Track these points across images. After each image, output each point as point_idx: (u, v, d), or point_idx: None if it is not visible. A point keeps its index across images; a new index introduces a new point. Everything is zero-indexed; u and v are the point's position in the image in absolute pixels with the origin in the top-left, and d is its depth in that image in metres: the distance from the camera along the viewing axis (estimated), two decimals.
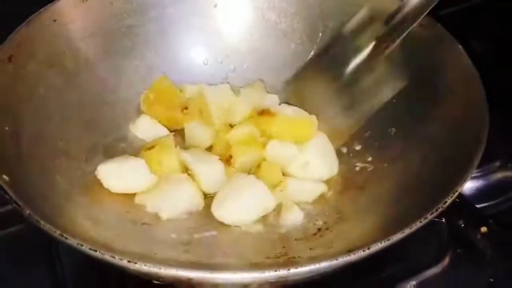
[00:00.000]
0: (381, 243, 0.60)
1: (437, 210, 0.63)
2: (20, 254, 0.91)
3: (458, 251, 0.89)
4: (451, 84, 0.86)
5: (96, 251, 0.58)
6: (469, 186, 1.05)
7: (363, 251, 0.59)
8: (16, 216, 0.90)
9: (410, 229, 0.61)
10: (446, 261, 0.87)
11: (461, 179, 0.67)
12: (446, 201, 0.64)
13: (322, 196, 0.91)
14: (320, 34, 1.04)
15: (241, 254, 0.79)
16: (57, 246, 0.88)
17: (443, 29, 0.90)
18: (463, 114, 0.80)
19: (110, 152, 0.92)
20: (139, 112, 0.99)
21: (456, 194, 0.65)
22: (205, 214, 0.85)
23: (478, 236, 0.90)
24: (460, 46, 0.85)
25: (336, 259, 0.59)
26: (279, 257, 0.79)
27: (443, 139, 0.81)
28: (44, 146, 0.84)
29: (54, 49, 0.92)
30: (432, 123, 0.86)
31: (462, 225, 0.91)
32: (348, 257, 0.59)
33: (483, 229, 0.90)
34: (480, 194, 1.05)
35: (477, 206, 1.00)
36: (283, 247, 0.81)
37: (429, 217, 0.63)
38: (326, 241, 0.81)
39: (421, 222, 0.62)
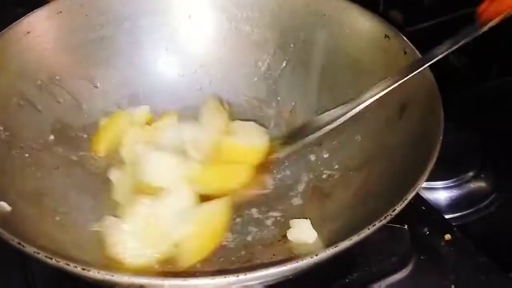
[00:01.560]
0: (327, 251, 0.61)
1: (385, 217, 0.65)
2: None
3: (421, 257, 0.90)
4: (413, 96, 0.87)
5: (51, 258, 0.60)
6: (443, 196, 1.08)
7: (310, 257, 0.61)
8: None
9: (358, 236, 0.62)
10: (410, 267, 0.89)
11: (411, 189, 0.68)
12: (395, 209, 0.65)
13: (289, 204, 0.92)
14: (292, 45, 1.06)
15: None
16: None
17: (407, 42, 0.92)
18: (421, 126, 0.82)
19: (86, 165, 0.94)
20: None
21: (405, 202, 0.67)
22: None
23: (442, 243, 0.92)
24: (423, 60, 0.86)
25: (284, 265, 0.60)
26: (243, 262, 0.80)
27: (402, 149, 0.83)
28: (13, 156, 0.86)
29: (26, 61, 0.93)
30: (393, 133, 0.87)
31: (427, 233, 0.93)
32: (295, 263, 0.60)
33: (447, 236, 0.93)
34: (453, 204, 1.08)
35: (450, 215, 1.03)
36: (250, 253, 0.82)
37: (378, 224, 0.64)
38: (288, 248, 0.82)
39: (369, 229, 0.63)
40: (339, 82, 1.00)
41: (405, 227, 0.88)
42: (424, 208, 0.97)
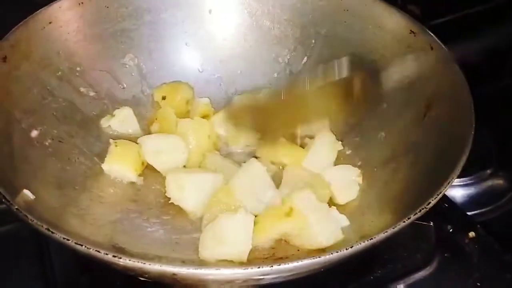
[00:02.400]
0: (362, 242, 0.60)
1: (420, 211, 0.64)
2: (10, 254, 0.91)
3: (446, 255, 0.89)
4: (440, 92, 0.87)
5: (82, 245, 0.59)
6: (461, 193, 1.07)
7: (345, 249, 0.59)
8: (7, 216, 0.92)
9: (393, 228, 0.61)
10: (434, 264, 0.88)
11: (445, 183, 0.67)
12: (430, 202, 0.65)
13: None
14: (313, 41, 1.06)
15: None
16: (48, 247, 0.89)
17: (433, 37, 0.91)
18: (450, 121, 0.81)
19: (104, 154, 0.92)
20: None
21: (440, 196, 0.66)
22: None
23: (466, 241, 0.91)
24: (450, 55, 0.86)
25: (313, 258, 0.59)
26: (266, 258, 0.79)
27: (429, 145, 0.82)
28: (36, 146, 0.85)
29: (48, 51, 0.93)
30: (420, 129, 0.87)
31: (451, 230, 0.92)
32: (330, 256, 0.59)
33: (471, 234, 0.92)
34: (471, 201, 1.06)
35: (468, 213, 1.01)
36: (272, 248, 0.81)
37: (412, 217, 0.63)
38: None
39: (404, 222, 0.62)
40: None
41: (431, 224, 0.87)
42: (447, 205, 0.95)
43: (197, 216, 0.86)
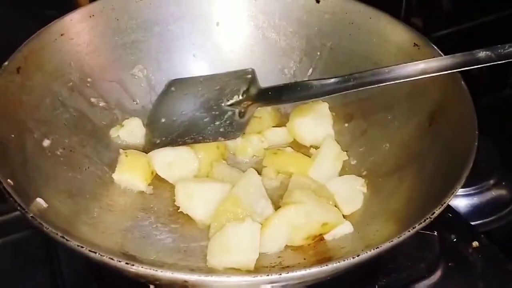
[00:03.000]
0: (367, 252, 0.62)
1: (425, 220, 0.65)
2: (21, 261, 0.93)
3: (450, 264, 0.91)
4: (443, 103, 0.88)
5: (95, 252, 0.60)
6: (464, 203, 1.08)
7: (352, 258, 0.61)
8: (17, 224, 0.94)
9: (398, 238, 0.63)
10: (438, 274, 0.89)
11: (449, 193, 0.69)
12: (434, 212, 0.66)
13: None
14: (318, 53, 1.08)
15: None
16: (58, 254, 0.91)
17: (436, 50, 0.93)
18: (454, 132, 0.83)
19: (114, 163, 0.94)
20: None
21: (444, 206, 0.67)
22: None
23: (470, 250, 0.92)
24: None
25: (321, 267, 0.60)
26: (273, 266, 0.81)
27: (433, 156, 0.84)
28: (48, 155, 0.87)
29: (60, 62, 0.95)
30: (424, 140, 0.88)
31: (454, 240, 0.93)
32: (336, 264, 0.61)
33: (475, 243, 0.93)
34: (475, 211, 1.08)
35: (472, 223, 1.02)
36: (279, 257, 0.82)
37: (417, 227, 0.65)
38: (320, 251, 0.82)
39: (409, 231, 0.64)
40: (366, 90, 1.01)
41: (435, 233, 0.88)
42: (450, 215, 0.97)
43: (205, 224, 0.87)
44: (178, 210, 0.89)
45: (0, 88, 0.83)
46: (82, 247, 0.61)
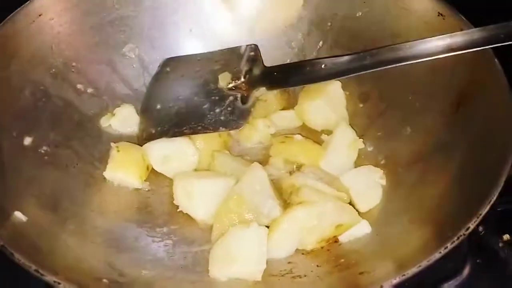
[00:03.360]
0: (395, 278, 0.53)
1: (459, 237, 0.57)
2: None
3: (478, 261, 0.82)
4: (473, 83, 0.78)
5: None
6: None
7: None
8: None
9: (428, 262, 0.55)
10: (465, 272, 0.81)
11: (485, 201, 0.60)
12: (469, 227, 0.57)
13: None
14: (329, 24, 0.96)
15: None
16: None
17: (464, 20, 0.82)
18: (486, 121, 0.73)
19: (105, 157, 0.86)
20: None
21: (480, 217, 0.58)
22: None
23: (500, 245, 0.84)
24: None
25: None
26: (283, 275, 0.73)
27: (463, 146, 0.74)
28: (30, 155, 0.78)
29: (39, 47, 0.86)
30: (451, 126, 0.78)
31: (482, 233, 0.85)
32: None
33: (505, 236, 0.84)
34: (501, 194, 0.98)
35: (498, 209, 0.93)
36: (289, 262, 0.75)
37: (449, 246, 0.57)
38: (334, 256, 0.74)
39: (440, 253, 0.56)
40: None
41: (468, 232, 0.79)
42: None
43: (208, 224, 0.80)
44: (178, 210, 0.81)
45: None
46: (59, 283, 0.53)
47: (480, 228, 0.85)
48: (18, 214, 0.67)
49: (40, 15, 0.85)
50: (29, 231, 0.66)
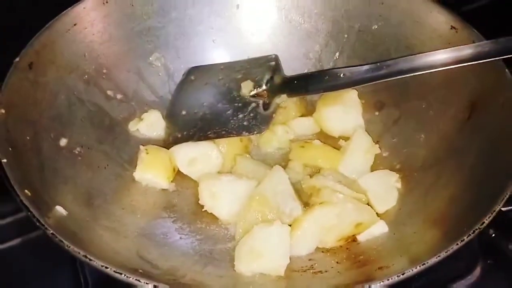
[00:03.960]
0: (411, 270, 0.57)
1: (474, 232, 0.61)
2: (43, 260, 0.90)
3: (489, 262, 0.86)
4: (484, 91, 0.83)
5: (121, 274, 0.57)
6: None
7: (397, 276, 0.57)
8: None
9: (446, 252, 0.59)
10: (476, 272, 0.85)
11: (499, 198, 0.64)
12: (484, 222, 0.62)
13: None
14: (345, 36, 1.01)
15: None
16: None
17: (476, 32, 0.87)
18: (497, 127, 0.77)
19: (134, 159, 0.90)
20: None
21: (494, 213, 0.63)
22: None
23: (510, 247, 0.87)
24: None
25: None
26: (305, 271, 0.77)
27: (475, 151, 0.78)
28: (66, 156, 0.83)
29: (74, 54, 0.90)
30: (464, 132, 0.82)
31: (493, 235, 0.88)
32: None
33: None
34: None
35: (505, 209, 0.97)
36: (309, 259, 0.79)
37: (466, 239, 0.61)
38: (353, 254, 0.78)
39: (457, 244, 0.60)
40: None
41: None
42: None
43: (231, 224, 0.84)
44: (203, 210, 0.85)
45: (12, 87, 0.79)
46: (106, 267, 0.57)
47: (491, 231, 0.89)
48: (59, 208, 0.71)
49: (74, 25, 0.90)
50: (70, 224, 0.70)
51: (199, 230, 0.84)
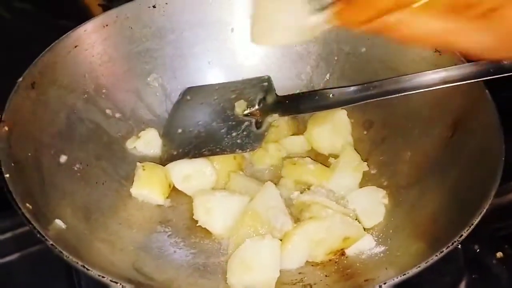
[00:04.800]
0: (393, 279, 0.61)
1: (452, 243, 0.64)
2: (40, 275, 0.93)
3: (473, 276, 0.89)
4: (465, 111, 0.86)
5: (116, 282, 0.60)
6: None
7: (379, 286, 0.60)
8: (36, 236, 0.93)
9: (426, 263, 0.61)
10: (462, 287, 0.87)
11: (477, 212, 0.67)
12: (462, 235, 0.65)
13: None
14: (335, 58, 1.05)
15: None
16: None
17: (458, 55, 0.90)
18: (477, 145, 0.81)
19: (131, 176, 0.93)
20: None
21: (472, 227, 0.66)
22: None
23: (494, 262, 0.90)
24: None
25: None
26: (294, 284, 0.79)
27: (457, 167, 0.82)
28: (65, 171, 0.86)
29: (74, 74, 0.94)
30: (447, 149, 0.86)
31: (478, 250, 0.91)
32: None
33: (499, 254, 0.91)
34: (495, 214, 1.04)
35: (496, 225, 0.99)
36: (299, 273, 0.81)
37: (445, 250, 0.64)
38: (341, 267, 0.81)
39: (436, 256, 0.63)
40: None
41: (459, 246, 0.86)
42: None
43: (225, 238, 0.87)
44: (197, 224, 0.88)
45: (15, 106, 0.82)
46: (103, 277, 0.60)
47: (476, 247, 0.92)
48: (58, 222, 0.74)
49: (75, 47, 0.94)
50: (69, 237, 0.73)
51: (193, 244, 0.87)
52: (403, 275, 0.61)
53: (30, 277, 0.93)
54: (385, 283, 0.60)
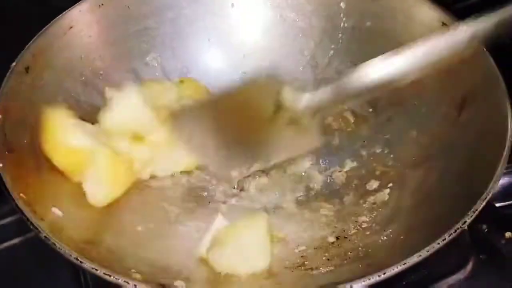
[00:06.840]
0: (397, 267, 0.59)
1: (456, 230, 0.62)
2: (42, 260, 0.93)
3: (481, 257, 0.87)
4: (474, 88, 0.83)
5: (110, 276, 0.59)
6: None
7: (378, 276, 0.58)
8: None
9: (427, 252, 0.60)
10: (469, 267, 0.86)
11: (481, 198, 0.65)
12: (466, 221, 0.62)
13: (340, 202, 0.89)
14: (340, 32, 1.02)
15: None
16: None
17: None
18: (485, 124, 0.78)
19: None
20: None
21: (476, 213, 0.64)
22: None
23: (502, 242, 0.88)
24: (483, 48, 0.81)
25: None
26: (296, 267, 0.78)
27: (463, 149, 0.79)
28: None
29: (70, 57, 0.92)
30: (455, 129, 0.83)
31: (486, 230, 0.89)
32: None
33: (508, 234, 0.89)
34: (502, 193, 1.02)
35: (501, 203, 0.97)
36: (301, 256, 0.80)
37: (447, 238, 0.63)
38: (343, 251, 0.80)
39: (438, 244, 0.61)
40: None
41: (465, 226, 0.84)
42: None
43: None
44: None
45: (10, 91, 0.80)
46: (96, 269, 0.59)
47: (484, 227, 0.90)
48: (55, 210, 0.73)
49: (71, 28, 0.92)
50: (67, 226, 0.72)
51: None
52: (403, 264, 0.59)
53: (33, 261, 0.93)
54: (384, 273, 0.58)
